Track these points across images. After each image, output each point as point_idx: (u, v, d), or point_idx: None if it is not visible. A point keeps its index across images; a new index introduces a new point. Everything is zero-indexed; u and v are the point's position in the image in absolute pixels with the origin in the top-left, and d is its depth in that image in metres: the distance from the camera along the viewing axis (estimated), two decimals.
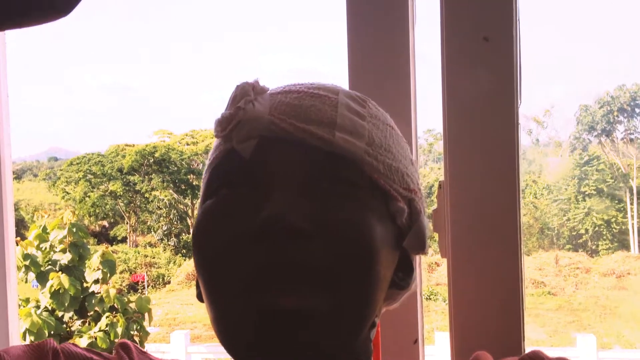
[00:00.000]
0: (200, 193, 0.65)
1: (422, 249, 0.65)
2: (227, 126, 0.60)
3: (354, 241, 0.56)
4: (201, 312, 15.56)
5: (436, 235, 1.00)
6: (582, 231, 20.03)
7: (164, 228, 21.79)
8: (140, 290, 17.11)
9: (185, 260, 19.80)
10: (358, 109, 0.62)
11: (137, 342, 6.95)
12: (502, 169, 0.96)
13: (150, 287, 18.60)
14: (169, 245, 21.37)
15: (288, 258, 0.54)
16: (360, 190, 0.59)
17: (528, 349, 0.99)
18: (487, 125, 0.97)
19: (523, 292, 0.97)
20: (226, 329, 0.57)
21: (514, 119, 0.96)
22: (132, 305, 7.12)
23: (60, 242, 6.89)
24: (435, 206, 1.00)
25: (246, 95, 0.60)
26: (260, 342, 0.54)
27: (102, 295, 6.87)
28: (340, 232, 0.56)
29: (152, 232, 22.24)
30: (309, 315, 0.54)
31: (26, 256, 6.70)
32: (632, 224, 19.76)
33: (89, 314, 6.99)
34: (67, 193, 23.57)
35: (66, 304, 6.72)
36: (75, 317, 6.96)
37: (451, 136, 0.98)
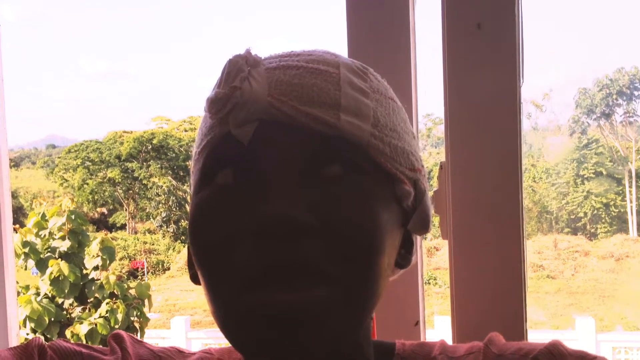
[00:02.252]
0: (193, 178, 0.61)
1: (426, 229, 0.64)
2: (223, 108, 0.56)
3: (359, 234, 0.54)
4: (201, 298, 15.61)
5: (436, 219, 0.99)
6: (581, 214, 20.08)
7: (163, 215, 21.81)
8: (140, 277, 17.16)
9: (184, 246, 19.82)
10: (361, 85, 0.59)
11: (138, 328, 6.98)
12: (504, 149, 0.95)
13: (149, 273, 18.65)
14: (168, 231, 21.41)
15: (291, 255, 0.52)
16: (366, 177, 0.56)
17: (529, 331, 0.99)
18: (489, 106, 0.96)
19: (525, 274, 0.97)
20: (229, 326, 0.55)
21: (516, 99, 0.95)
22: (132, 291, 7.14)
23: (59, 229, 6.89)
24: (436, 188, 1.00)
25: (240, 71, 0.56)
26: (264, 339, 0.53)
27: (101, 282, 6.89)
28: (344, 225, 0.54)
29: (151, 219, 22.26)
30: (313, 311, 0.52)
31: (25, 243, 6.70)
32: (631, 206, 19.80)
33: (89, 300, 7.00)
34: (66, 180, 23.58)
35: (66, 291, 6.74)
36: (75, 304, 6.98)
37: (452, 117, 0.97)
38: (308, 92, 0.56)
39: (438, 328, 8.96)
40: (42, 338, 0.68)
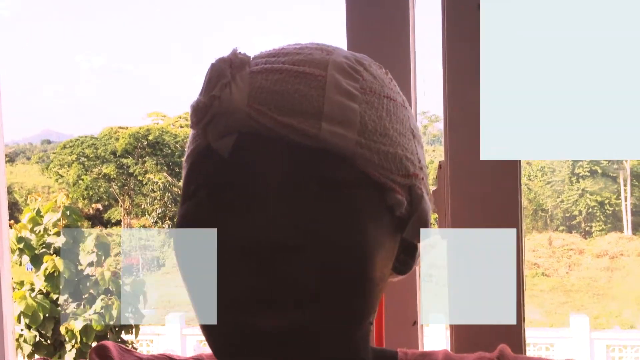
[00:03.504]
0: (182, 185, 0.60)
1: (424, 237, 0.61)
2: (202, 118, 0.54)
3: (345, 251, 0.52)
4: None
5: (434, 216, 0.99)
6: (576, 212, 20.12)
7: (158, 211, 21.78)
8: (135, 273, 17.14)
9: None
10: (349, 88, 0.55)
11: (133, 324, 6.97)
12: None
13: (145, 269, 18.63)
14: (164, 228, 21.38)
15: (274, 275, 0.50)
16: (352, 190, 0.53)
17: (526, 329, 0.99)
18: None
19: (523, 273, 0.96)
20: (214, 343, 0.55)
21: None
22: (127, 287, 7.14)
23: (54, 225, 6.88)
24: (434, 187, 0.99)
25: (222, 77, 0.54)
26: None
27: (96, 278, 6.88)
28: (329, 242, 0.51)
29: (147, 215, 22.23)
30: (302, 334, 0.51)
31: (20, 239, 6.69)
32: (626, 205, 19.85)
33: (83, 296, 6.99)
34: (61, 176, 23.51)
35: (61, 287, 6.73)
36: (70, 300, 6.97)
37: (451, 116, 0.97)
38: (289, 100, 0.53)
39: (433, 326, 8.97)
40: None
